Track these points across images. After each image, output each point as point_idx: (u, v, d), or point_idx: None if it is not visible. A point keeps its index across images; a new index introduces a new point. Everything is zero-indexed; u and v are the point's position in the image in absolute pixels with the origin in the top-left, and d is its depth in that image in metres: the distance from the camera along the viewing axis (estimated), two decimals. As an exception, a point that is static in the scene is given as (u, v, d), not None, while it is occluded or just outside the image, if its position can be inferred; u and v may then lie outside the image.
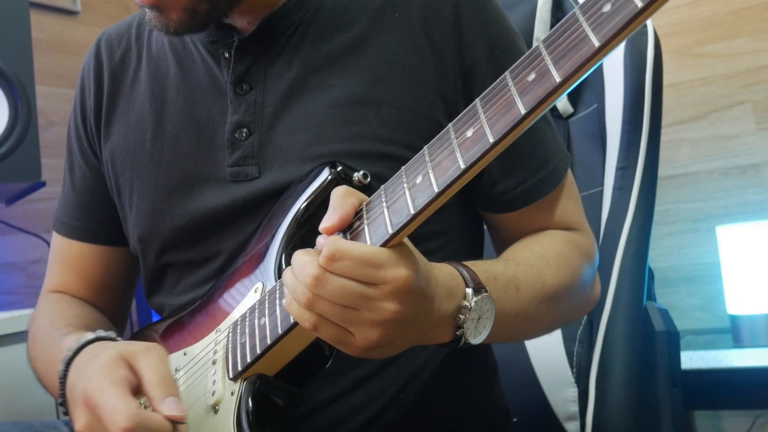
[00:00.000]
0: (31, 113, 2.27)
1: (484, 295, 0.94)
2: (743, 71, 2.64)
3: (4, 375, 2.05)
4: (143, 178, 1.24)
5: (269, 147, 1.16)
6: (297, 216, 1.06)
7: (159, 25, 1.14)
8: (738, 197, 2.64)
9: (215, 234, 1.19)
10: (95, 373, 0.99)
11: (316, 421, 1.11)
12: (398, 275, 0.83)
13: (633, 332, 1.47)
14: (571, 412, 1.53)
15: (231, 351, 1.03)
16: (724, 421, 2.64)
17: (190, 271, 1.23)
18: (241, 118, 1.18)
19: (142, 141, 1.25)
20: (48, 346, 1.23)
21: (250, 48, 1.19)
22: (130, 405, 0.93)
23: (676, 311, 2.50)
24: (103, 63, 1.34)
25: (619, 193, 1.51)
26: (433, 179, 0.82)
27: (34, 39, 2.37)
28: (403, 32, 1.17)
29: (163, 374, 0.98)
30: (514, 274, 1.08)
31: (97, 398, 0.95)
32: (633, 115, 1.51)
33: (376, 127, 1.13)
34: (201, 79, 1.23)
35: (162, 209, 1.22)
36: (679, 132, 2.72)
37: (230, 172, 1.17)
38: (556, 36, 0.75)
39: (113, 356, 1.00)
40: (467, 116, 0.82)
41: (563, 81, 0.73)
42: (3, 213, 2.67)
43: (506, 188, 1.19)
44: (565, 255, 1.18)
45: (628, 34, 0.70)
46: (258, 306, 1.02)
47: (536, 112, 0.75)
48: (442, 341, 0.94)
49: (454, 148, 0.81)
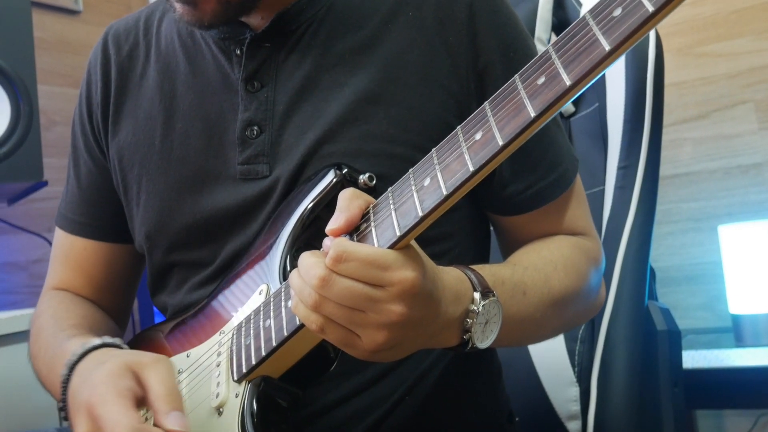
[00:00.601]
0: (33, 112, 2.27)
1: (492, 300, 0.94)
2: (745, 71, 2.64)
3: (6, 374, 2.05)
4: (152, 175, 1.24)
5: (280, 145, 1.15)
6: (302, 218, 1.06)
7: (192, 19, 1.13)
8: (740, 197, 2.64)
9: (224, 233, 1.19)
10: (100, 382, 0.98)
11: (322, 423, 1.11)
12: (405, 277, 0.83)
13: (634, 331, 1.47)
14: (573, 412, 1.53)
15: (235, 353, 1.03)
16: (726, 421, 2.64)
17: (196, 270, 1.23)
18: (252, 115, 1.17)
19: (151, 138, 1.25)
20: (51, 346, 1.21)
21: (263, 45, 1.18)
22: (131, 419, 0.93)
23: (678, 311, 2.51)
24: (110, 58, 1.33)
25: (621, 192, 1.51)
26: (441, 181, 0.82)
27: (36, 38, 2.38)
28: (416, 32, 1.17)
29: (170, 388, 0.98)
30: (521, 279, 1.07)
31: (100, 408, 0.95)
32: (634, 114, 1.51)
33: (386, 127, 1.13)
34: (211, 76, 1.22)
35: (171, 207, 1.22)
36: (681, 131, 2.72)
37: (241, 170, 1.17)
38: (566, 40, 0.75)
39: (120, 365, 1.00)
40: (476, 119, 0.82)
41: (573, 84, 0.73)
42: (5, 212, 2.67)
43: (516, 190, 1.18)
44: (573, 260, 1.17)
45: (639, 38, 0.70)
46: (263, 308, 1.02)
47: (546, 116, 0.75)
48: (449, 345, 0.94)
49: (462, 151, 0.81)
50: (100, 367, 1.01)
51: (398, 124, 1.13)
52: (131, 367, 1.00)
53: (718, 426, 2.66)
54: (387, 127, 1.13)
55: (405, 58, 1.15)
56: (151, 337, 1.24)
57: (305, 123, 1.15)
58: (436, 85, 1.15)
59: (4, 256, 2.74)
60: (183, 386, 1.10)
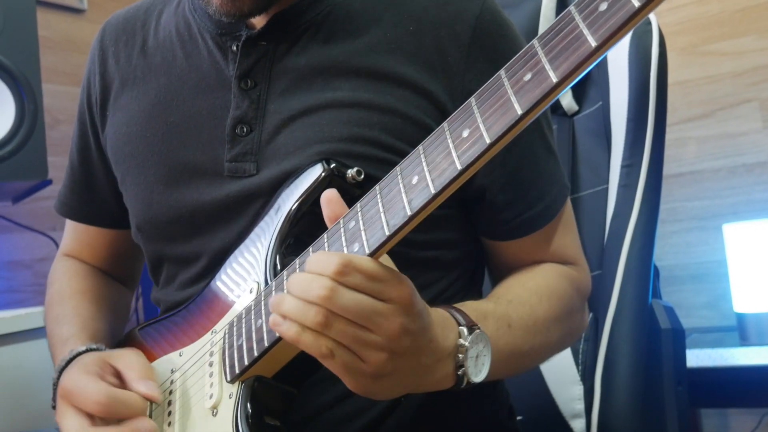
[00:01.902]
0: (37, 111, 2.27)
1: (477, 333, 0.95)
2: (750, 69, 2.64)
3: (12, 372, 2.06)
4: (142, 167, 1.24)
5: (269, 145, 1.15)
6: (290, 215, 1.05)
7: (231, 9, 1.12)
8: (745, 195, 2.64)
9: (209, 229, 1.19)
10: (74, 372, 1.08)
11: (318, 424, 1.10)
12: (404, 291, 0.84)
13: (638, 330, 1.46)
14: (577, 410, 1.53)
15: (227, 353, 1.02)
16: (731, 419, 2.64)
17: (185, 266, 1.23)
18: (243, 113, 1.17)
19: (143, 130, 1.25)
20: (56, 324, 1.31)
21: (259, 44, 1.18)
22: (102, 385, 1.02)
23: (683, 309, 2.50)
24: (107, 50, 1.34)
25: (624, 190, 1.51)
26: (429, 180, 0.81)
27: (41, 37, 2.38)
28: (416, 48, 1.15)
29: (141, 363, 1.08)
30: (505, 312, 1.08)
31: (72, 385, 1.04)
32: (638, 112, 1.50)
33: (378, 133, 1.11)
34: (206, 71, 1.22)
35: (159, 200, 1.22)
36: (685, 130, 2.72)
37: (228, 168, 1.16)
38: (552, 35, 0.74)
39: (93, 358, 1.10)
40: (463, 115, 0.81)
41: (560, 81, 0.72)
42: (9, 211, 2.67)
43: (505, 218, 1.18)
44: (559, 291, 1.18)
45: (626, 34, 0.69)
46: (254, 307, 1.01)
47: (533, 113, 0.75)
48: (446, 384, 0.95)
49: (450, 149, 0.80)
50: (78, 364, 1.10)
51: (391, 132, 1.12)
52: (103, 358, 1.10)
53: (723, 425, 2.66)
54: (379, 134, 1.11)
55: (402, 71, 1.14)
56: (143, 335, 1.25)
57: (296, 123, 1.14)
58: (432, 101, 1.14)
59: (8, 254, 2.74)
60: (177, 386, 1.10)
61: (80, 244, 1.47)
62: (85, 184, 1.41)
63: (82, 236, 1.46)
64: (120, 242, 1.42)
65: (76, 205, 1.43)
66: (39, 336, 2.05)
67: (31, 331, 2.09)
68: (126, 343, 1.26)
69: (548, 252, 1.22)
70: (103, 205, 1.40)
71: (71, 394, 1.04)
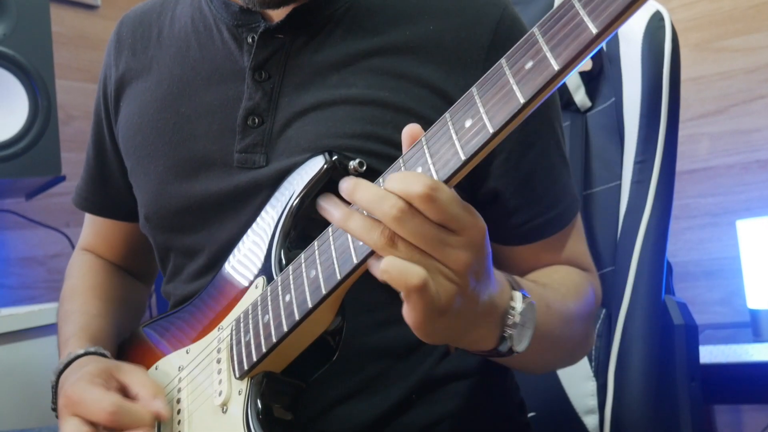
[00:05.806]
0: (51, 107, 2.28)
1: (530, 302, 0.93)
2: (763, 65, 2.63)
3: (26, 368, 2.07)
4: (152, 157, 1.24)
5: (280, 137, 1.15)
6: (292, 209, 1.04)
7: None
8: (758, 191, 2.63)
9: (215, 219, 1.19)
10: (78, 379, 1.07)
11: (330, 419, 1.10)
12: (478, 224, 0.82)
13: (651, 326, 1.46)
14: (590, 406, 1.53)
15: (235, 349, 1.02)
16: (744, 416, 2.64)
17: (191, 258, 1.23)
18: (255, 105, 1.16)
19: (154, 120, 1.25)
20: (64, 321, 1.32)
21: (276, 36, 1.17)
22: (111, 395, 1.03)
23: (696, 305, 2.50)
24: (124, 42, 1.34)
25: (638, 186, 1.50)
26: (433, 171, 0.81)
27: (54, 33, 2.39)
28: (435, 48, 1.15)
29: (150, 380, 1.08)
30: (543, 293, 1.06)
31: (78, 395, 1.04)
32: (651, 108, 1.50)
33: (391, 132, 1.11)
34: (220, 62, 1.22)
35: (168, 190, 1.22)
36: (699, 126, 2.71)
37: (237, 159, 1.16)
38: (552, 22, 0.74)
39: (98, 368, 1.10)
40: (465, 105, 0.80)
41: (561, 69, 0.72)
42: (23, 207, 2.69)
43: (517, 222, 1.18)
44: (583, 287, 1.18)
45: (625, 20, 0.69)
46: (260, 302, 1.01)
47: (536, 101, 0.75)
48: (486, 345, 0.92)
49: (453, 140, 0.80)
50: (81, 370, 1.10)
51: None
52: (109, 371, 1.10)
53: (736, 421, 2.65)
54: (392, 132, 1.11)
55: (419, 71, 1.14)
56: (149, 333, 1.26)
57: (307, 117, 1.14)
58: (447, 102, 1.10)
59: (22, 250, 2.76)
60: (185, 383, 1.10)
61: (97, 238, 1.48)
62: (100, 177, 1.42)
63: (99, 230, 1.48)
64: (136, 236, 1.41)
65: (93, 198, 1.45)
66: (52, 332, 2.05)
67: (44, 328, 2.10)
68: (130, 342, 1.28)
69: (561, 258, 1.22)
70: (118, 197, 1.40)
71: (77, 404, 1.04)
